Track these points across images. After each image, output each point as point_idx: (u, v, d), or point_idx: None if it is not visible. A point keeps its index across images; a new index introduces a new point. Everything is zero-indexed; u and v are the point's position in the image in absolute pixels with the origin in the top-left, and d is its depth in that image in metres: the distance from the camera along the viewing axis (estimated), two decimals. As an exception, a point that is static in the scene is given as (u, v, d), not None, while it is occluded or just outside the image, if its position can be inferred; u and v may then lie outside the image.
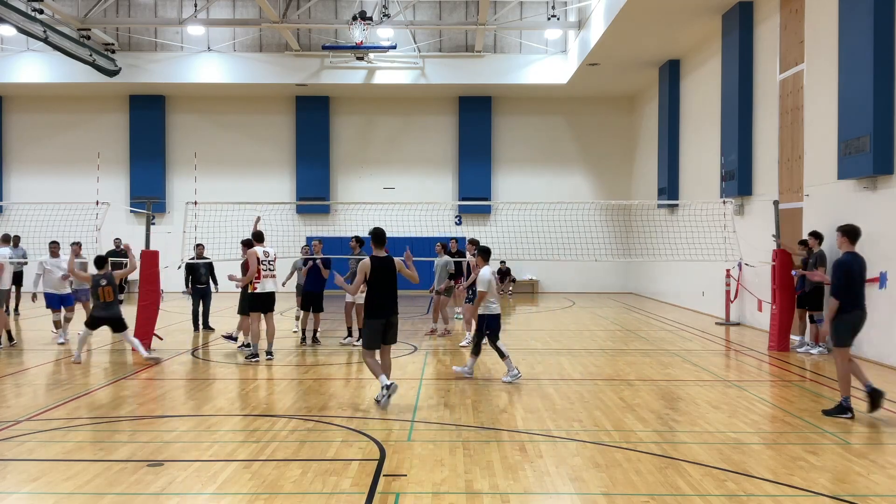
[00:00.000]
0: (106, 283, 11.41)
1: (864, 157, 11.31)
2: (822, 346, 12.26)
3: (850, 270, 7.97)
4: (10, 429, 7.39)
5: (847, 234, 8.15)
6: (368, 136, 27.38)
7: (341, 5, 25.42)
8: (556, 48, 25.09)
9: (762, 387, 9.79)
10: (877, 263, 11.44)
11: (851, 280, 7.96)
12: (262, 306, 11.69)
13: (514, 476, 5.94)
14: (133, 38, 25.34)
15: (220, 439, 7.08)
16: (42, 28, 19.07)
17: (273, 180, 27.10)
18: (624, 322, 17.49)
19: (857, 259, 8.11)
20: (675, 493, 5.54)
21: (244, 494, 5.52)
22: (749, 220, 16.24)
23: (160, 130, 26.98)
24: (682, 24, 18.29)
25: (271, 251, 11.89)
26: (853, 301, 7.93)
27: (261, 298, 11.64)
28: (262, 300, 11.66)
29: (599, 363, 11.57)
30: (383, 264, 8.50)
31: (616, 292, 26.62)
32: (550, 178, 27.08)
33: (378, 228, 8.68)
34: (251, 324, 11.78)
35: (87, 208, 14.81)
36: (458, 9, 25.39)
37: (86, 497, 5.45)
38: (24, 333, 14.92)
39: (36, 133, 27.16)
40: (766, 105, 15.65)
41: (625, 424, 7.60)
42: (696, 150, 19.96)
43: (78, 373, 10.74)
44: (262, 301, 11.66)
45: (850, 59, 11.71)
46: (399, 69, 25.06)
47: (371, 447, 6.75)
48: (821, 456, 6.50)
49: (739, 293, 16.60)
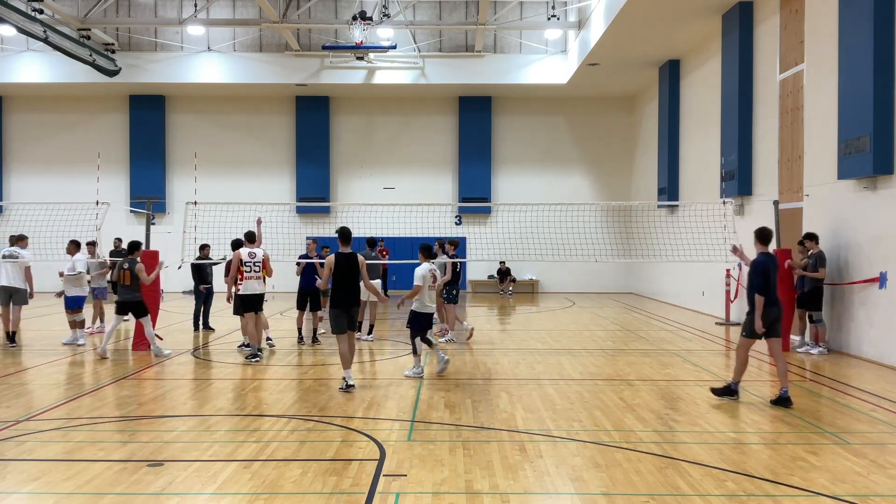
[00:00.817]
0: (126, 268, 11.70)
1: (864, 157, 11.31)
2: (821, 346, 12.26)
3: (767, 269, 8.55)
4: (10, 429, 7.39)
5: (760, 236, 8.84)
6: (368, 136, 27.38)
7: (341, 5, 25.42)
8: (556, 48, 25.10)
9: (762, 387, 9.78)
10: (877, 263, 11.45)
11: (768, 278, 8.53)
12: (252, 306, 11.68)
13: (514, 476, 5.94)
14: (133, 38, 25.35)
15: (220, 439, 7.08)
16: (42, 28, 19.08)
17: (273, 180, 27.11)
18: (624, 322, 17.49)
19: (771, 258, 8.74)
20: (675, 493, 5.54)
21: (244, 494, 5.52)
22: (749, 220, 16.22)
23: (160, 130, 26.99)
24: (682, 24, 18.29)
25: (259, 252, 11.80)
26: (770, 298, 8.54)
27: (247, 299, 11.67)
28: (249, 301, 11.67)
29: (599, 363, 11.57)
30: (348, 260, 9.32)
31: (616, 292, 26.62)
32: (550, 178, 27.09)
33: (344, 227, 9.46)
34: (246, 324, 11.80)
35: (87, 208, 14.81)
36: (458, 9, 25.39)
37: (86, 497, 5.45)
38: (25, 333, 14.91)
39: (36, 133, 27.16)
40: (766, 105, 15.65)
41: (625, 424, 7.60)
42: (696, 150, 19.97)
43: (78, 373, 10.74)
44: (250, 301, 11.67)
45: (850, 59, 11.71)
46: (399, 69, 25.06)
47: (371, 447, 6.75)
48: (821, 456, 6.50)
49: (739, 293, 16.60)
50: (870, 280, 11.59)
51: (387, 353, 12.63)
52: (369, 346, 13.33)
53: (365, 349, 12.92)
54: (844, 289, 12.33)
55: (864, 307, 11.81)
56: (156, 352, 11.96)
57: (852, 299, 12.15)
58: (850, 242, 12.20)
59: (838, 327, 12.51)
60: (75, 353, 12.34)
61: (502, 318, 18.79)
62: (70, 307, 13.30)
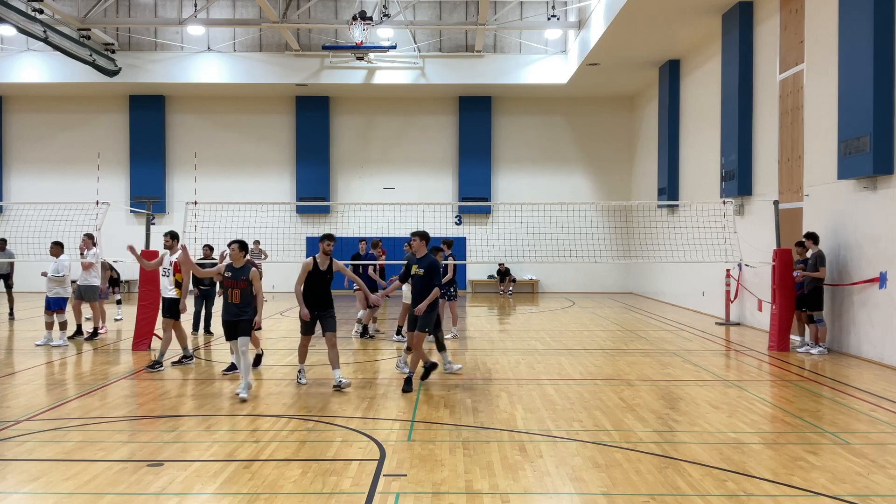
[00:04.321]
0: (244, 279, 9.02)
1: (864, 157, 11.31)
2: (822, 346, 12.26)
3: (439, 268, 9.55)
4: (10, 429, 7.39)
5: (422, 237, 9.54)
6: (368, 136, 27.38)
7: (341, 5, 25.42)
8: (556, 48, 25.09)
9: (762, 387, 9.79)
10: (877, 263, 11.45)
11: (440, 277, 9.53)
12: (168, 312, 11.12)
13: (514, 476, 5.94)
14: (133, 38, 25.34)
15: (220, 439, 7.08)
16: (42, 28, 19.08)
17: (273, 180, 27.11)
18: (624, 322, 17.49)
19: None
20: (675, 493, 5.54)
21: (244, 494, 5.52)
22: (749, 220, 16.24)
23: (160, 130, 26.98)
24: (682, 24, 18.28)
25: (169, 254, 11.22)
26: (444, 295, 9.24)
27: (163, 303, 11.32)
28: (164, 305, 11.26)
29: (599, 363, 11.57)
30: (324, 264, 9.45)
31: (616, 292, 26.62)
32: (550, 178, 27.08)
33: (328, 234, 9.56)
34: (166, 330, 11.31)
35: (87, 208, 14.82)
36: (458, 9, 25.39)
37: (86, 497, 5.45)
38: (25, 333, 14.93)
39: (36, 133, 27.15)
40: (766, 105, 15.65)
41: (625, 424, 7.60)
42: (696, 150, 19.96)
43: (78, 373, 10.74)
44: (166, 307, 11.19)
45: (850, 59, 11.71)
46: (399, 69, 25.06)
47: (371, 447, 6.75)
48: (821, 456, 6.50)
49: (739, 293, 16.61)
50: (870, 280, 11.59)
51: (387, 353, 12.63)
52: (365, 343, 13.33)
53: (369, 348, 12.92)
54: (844, 289, 12.33)
55: (864, 307, 11.81)
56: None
57: (852, 299, 12.15)
58: (850, 242, 12.20)
59: (838, 327, 12.51)
60: (75, 354, 12.35)
61: (502, 318, 18.79)
62: (52, 308, 13.18)
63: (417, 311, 9.32)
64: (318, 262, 9.38)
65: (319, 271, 9.36)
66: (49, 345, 13.01)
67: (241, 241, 9.07)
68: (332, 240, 9.49)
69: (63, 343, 13.10)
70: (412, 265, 9.56)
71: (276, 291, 24.53)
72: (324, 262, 9.39)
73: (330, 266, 9.42)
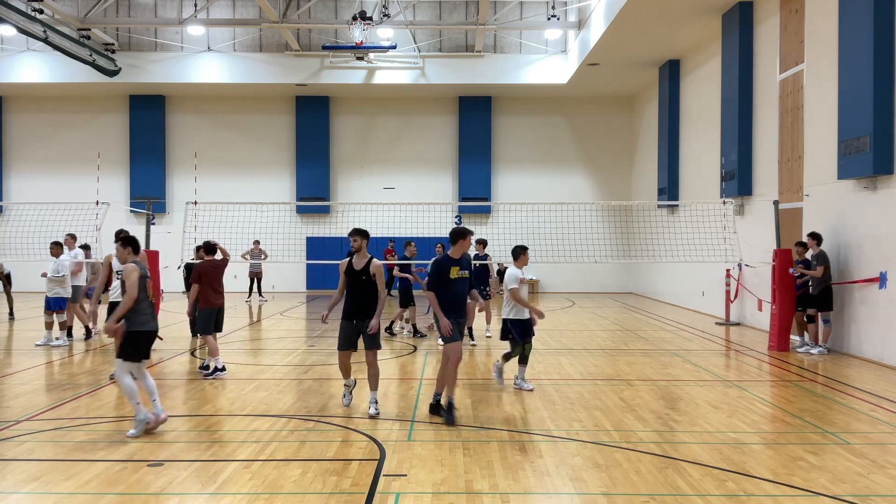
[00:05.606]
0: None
1: (864, 157, 11.31)
2: (822, 346, 12.26)
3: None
4: (10, 429, 7.39)
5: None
6: (368, 136, 27.38)
7: (341, 5, 25.42)
8: (556, 48, 25.09)
9: (762, 387, 9.79)
10: (877, 263, 11.45)
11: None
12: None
13: (514, 476, 5.94)
14: (133, 38, 25.34)
15: (220, 439, 7.08)
16: (42, 28, 19.08)
17: (273, 180, 27.10)
18: (624, 322, 17.49)
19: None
20: (675, 493, 5.54)
21: (244, 494, 5.52)
22: (749, 220, 16.24)
23: (160, 130, 26.98)
24: (682, 24, 18.28)
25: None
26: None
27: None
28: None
29: (599, 363, 11.57)
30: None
31: (616, 292, 26.62)
32: (550, 178, 27.08)
33: (356, 228, 8.26)
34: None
35: (87, 208, 14.81)
36: (458, 9, 25.39)
37: (86, 497, 5.45)
38: (25, 333, 14.93)
39: (36, 133, 27.15)
40: (766, 105, 15.65)
41: (625, 424, 7.60)
42: (696, 150, 19.96)
43: (78, 373, 10.74)
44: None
45: (850, 59, 11.71)
46: (399, 69, 25.06)
47: (371, 447, 6.75)
48: (821, 456, 6.50)
49: (739, 293, 16.60)
50: (870, 280, 11.59)
51: (387, 353, 12.62)
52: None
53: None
54: (844, 288, 12.33)
55: (864, 307, 11.81)
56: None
57: (852, 299, 12.15)
58: (850, 242, 12.20)
59: (838, 327, 12.50)
60: (75, 354, 12.35)
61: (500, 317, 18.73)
62: (52, 308, 13.20)
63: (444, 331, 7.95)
64: (353, 262, 8.08)
65: (354, 271, 8.00)
66: (49, 345, 13.01)
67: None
68: (357, 235, 8.06)
69: (63, 343, 13.12)
70: (452, 267, 8.21)
71: (275, 291, 24.55)
72: (359, 262, 8.03)
73: (367, 267, 8.00)
